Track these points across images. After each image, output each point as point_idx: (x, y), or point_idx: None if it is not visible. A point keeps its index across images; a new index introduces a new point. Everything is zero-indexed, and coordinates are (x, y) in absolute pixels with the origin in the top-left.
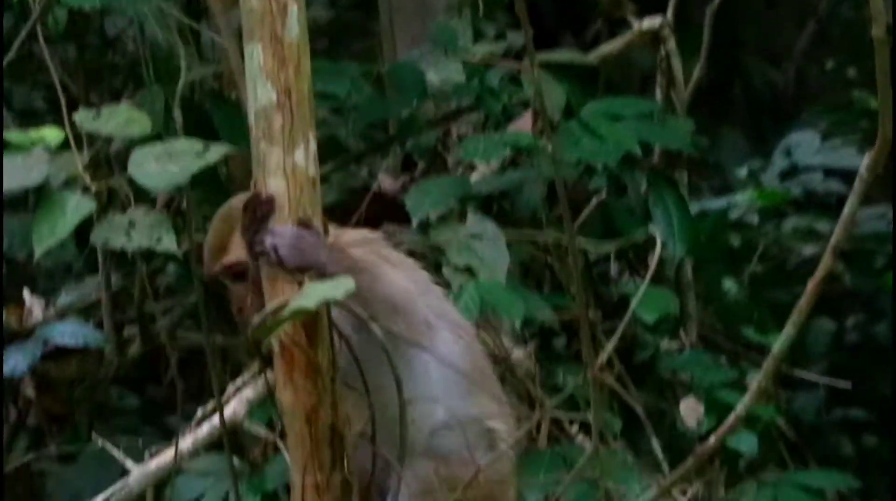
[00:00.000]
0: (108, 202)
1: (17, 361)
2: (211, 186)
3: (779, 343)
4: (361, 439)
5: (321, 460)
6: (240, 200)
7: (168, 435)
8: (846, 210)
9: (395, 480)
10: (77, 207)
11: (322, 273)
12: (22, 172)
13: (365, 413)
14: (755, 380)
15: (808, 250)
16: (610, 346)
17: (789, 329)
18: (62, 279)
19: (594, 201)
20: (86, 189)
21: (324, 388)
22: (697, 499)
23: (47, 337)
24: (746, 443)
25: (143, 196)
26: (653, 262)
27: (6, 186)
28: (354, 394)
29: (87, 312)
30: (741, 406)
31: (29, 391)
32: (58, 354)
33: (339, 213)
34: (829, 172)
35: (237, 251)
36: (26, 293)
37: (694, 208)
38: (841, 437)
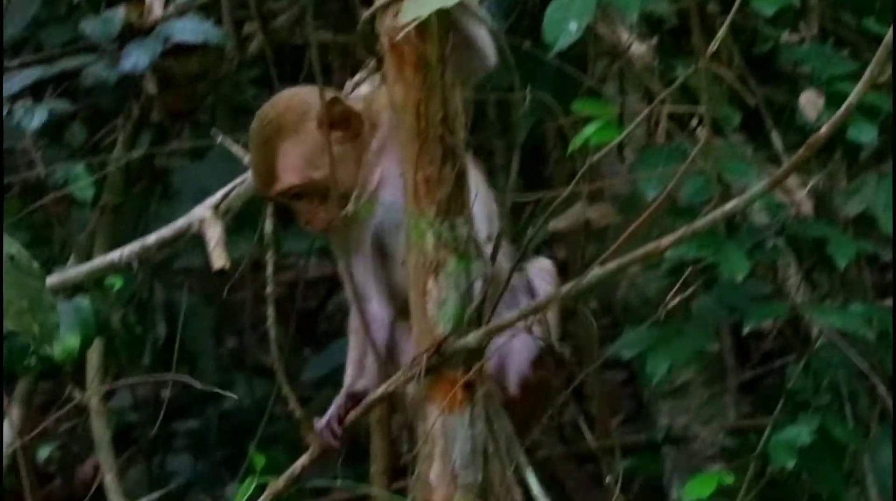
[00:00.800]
0: None
1: (139, 57)
2: None
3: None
4: None
5: (432, 154)
6: (272, 108)
7: None
8: None
9: None
10: None
11: None
12: None
13: None
14: (868, 69)
15: None
16: (721, 32)
17: None
18: None
19: None
20: None
21: (433, 82)
22: (818, 190)
23: (168, 34)
24: (865, 133)
25: None
26: None
27: None
28: None
29: (206, 9)
30: (854, 95)
31: (151, 87)
32: (178, 50)
33: None
34: None
35: (286, 177)
36: None
37: None
38: None
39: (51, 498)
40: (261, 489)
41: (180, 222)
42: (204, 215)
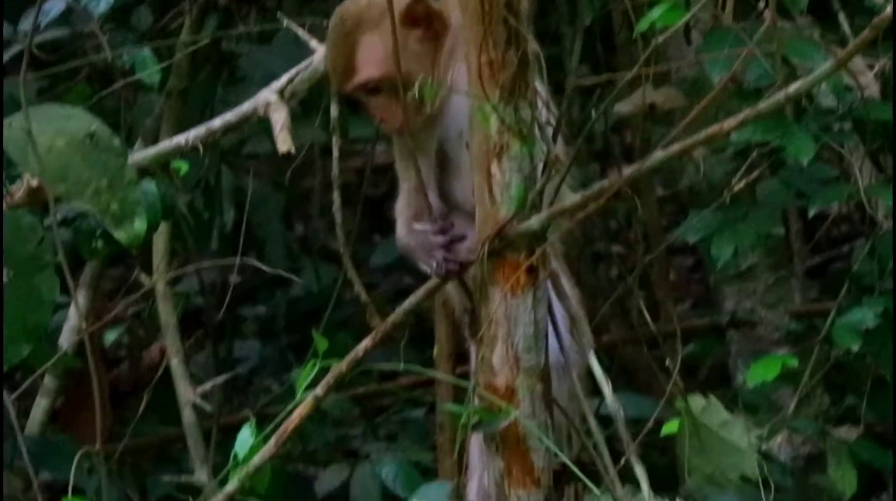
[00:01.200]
0: None
1: None
2: None
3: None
4: None
5: (496, 38)
6: (354, 4)
7: None
8: None
9: None
10: None
11: None
12: None
13: None
14: None
15: None
16: None
17: None
18: None
19: None
20: None
21: None
22: (885, 73)
23: None
24: None
25: None
26: None
27: None
28: None
29: None
30: None
31: None
32: None
33: None
34: None
35: (367, 69)
36: None
37: None
38: None
39: (118, 382)
40: (325, 372)
41: (245, 107)
42: (269, 99)
